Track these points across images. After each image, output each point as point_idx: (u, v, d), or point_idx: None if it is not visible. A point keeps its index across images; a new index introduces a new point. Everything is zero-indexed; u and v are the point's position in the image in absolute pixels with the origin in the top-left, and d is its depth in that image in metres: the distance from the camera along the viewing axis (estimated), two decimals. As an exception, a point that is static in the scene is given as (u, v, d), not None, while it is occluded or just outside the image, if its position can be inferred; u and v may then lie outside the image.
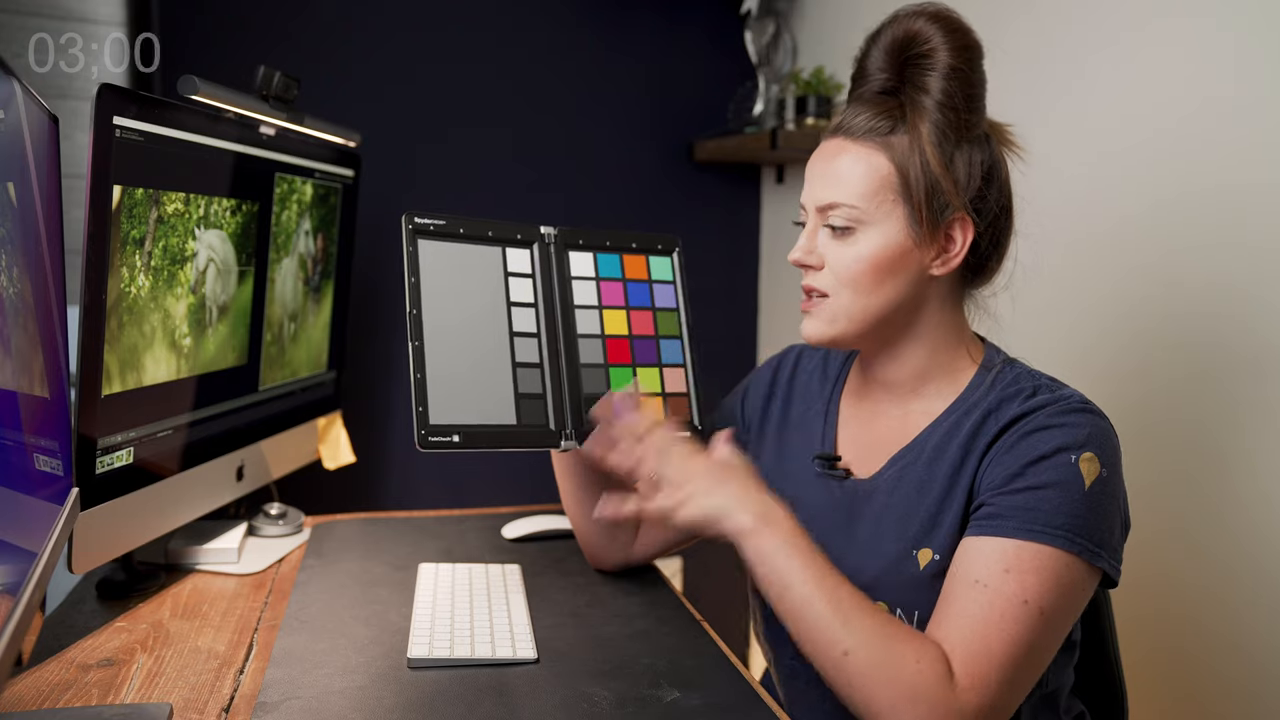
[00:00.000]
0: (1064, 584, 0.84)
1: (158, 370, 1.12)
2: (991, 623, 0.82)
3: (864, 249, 0.91)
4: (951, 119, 0.90)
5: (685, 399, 1.06)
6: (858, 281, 0.92)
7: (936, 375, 0.97)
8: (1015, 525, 0.85)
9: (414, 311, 0.93)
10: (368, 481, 1.96)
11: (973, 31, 0.92)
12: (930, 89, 0.90)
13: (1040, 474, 0.86)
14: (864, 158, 0.92)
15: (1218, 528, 1.21)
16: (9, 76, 0.77)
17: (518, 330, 0.99)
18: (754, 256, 2.26)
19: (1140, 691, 1.19)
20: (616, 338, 1.04)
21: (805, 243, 0.95)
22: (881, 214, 0.91)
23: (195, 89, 1.13)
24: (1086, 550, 0.84)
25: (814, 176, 0.95)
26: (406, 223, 0.96)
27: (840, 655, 0.83)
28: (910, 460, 0.95)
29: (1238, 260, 1.18)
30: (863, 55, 0.96)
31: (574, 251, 1.04)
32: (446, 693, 0.90)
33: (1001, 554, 0.84)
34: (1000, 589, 0.83)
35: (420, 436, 0.90)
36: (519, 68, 2.00)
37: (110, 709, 0.86)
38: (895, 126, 0.91)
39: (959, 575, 0.86)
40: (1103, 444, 0.87)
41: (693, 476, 0.91)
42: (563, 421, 0.98)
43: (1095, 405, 0.90)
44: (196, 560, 1.25)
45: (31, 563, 0.75)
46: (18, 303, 0.77)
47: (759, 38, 2.02)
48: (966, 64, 0.90)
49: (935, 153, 0.90)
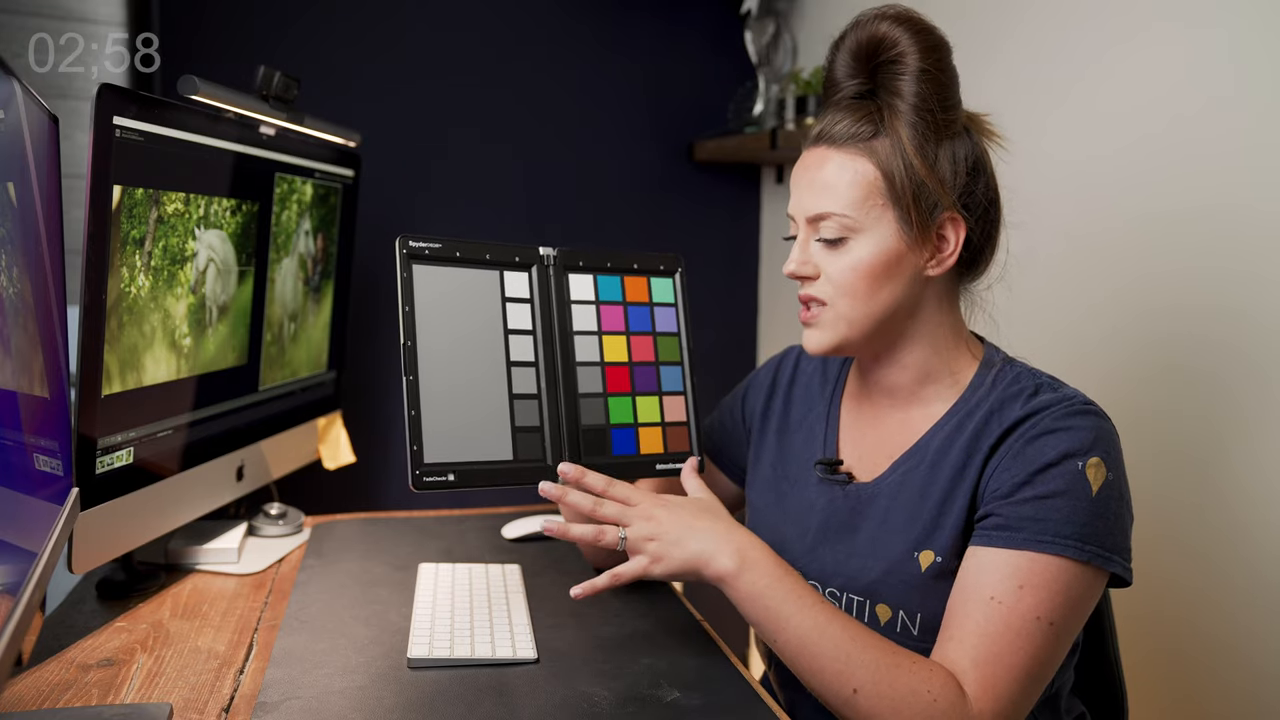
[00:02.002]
0: (1074, 595, 0.84)
1: (158, 370, 1.12)
2: (1007, 641, 0.82)
3: (858, 256, 0.91)
4: (929, 120, 0.90)
5: (685, 428, 1.04)
6: (855, 289, 0.92)
7: (937, 376, 0.97)
8: (1026, 537, 0.84)
9: (409, 344, 0.91)
10: (368, 481, 1.96)
11: (937, 29, 0.92)
12: (904, 93, 0.90)
13: (1048, 482, 0.86)
14: (849, 165, 0.91)
15: (1217, 528, 1.21)
16: (9, 76, 0.77)
17: (515, 359, 0.97)
18: (754, 257, 2.26)
19: (1140, 692, 1.19)
20: (616, 365, 1.02)
21: (799, 254, 0.94)
22: (872, 220, 0.91)
23: (195, 89, 1.13)
24: (1098, 557, 0.84)
25: (801, 187, 0.95)
26: (400, 247, 0.92)
27: (850, 694, 0.82)
28: (913, 464, 0.95)
29: (1236, 260, 1.18)
30: (830, 62, 0.96)
31: (574, 274, 1.02)
32: (446, 693, 0.90)
33: (1014, 568, 0.84)
34: (1015, 606, 0.83)
35: (414, 477, 0.88)
36: (519, 67, 2.00)
37: (110, 709, 0.86)
38: (876, 131, 0.91)
39: (971, 590, 0.85)
40: (1108, 447, 0.88)
41: (662, 530, 0.88)
42: (559, 456, 0.97)
43: (1096, 405, 0.90)
44: (196, 560, 1.25)
45: (31, 563, 0.75)
46: (18, 303, 0.77)
47: (759, 38, 2.02)
48: (936, 64, 0.90)
49: (918, 155, 0.90)
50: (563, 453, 0.96)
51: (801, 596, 0.85)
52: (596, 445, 0.99)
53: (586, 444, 0.98)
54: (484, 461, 0.92)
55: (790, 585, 0.86)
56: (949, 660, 0.84)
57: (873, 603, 0.93)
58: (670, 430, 1.03)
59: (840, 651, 0.83)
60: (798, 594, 0.85)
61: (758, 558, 0.87)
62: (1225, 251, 1.19)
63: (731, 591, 0.87)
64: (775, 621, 0.85)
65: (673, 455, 1.02)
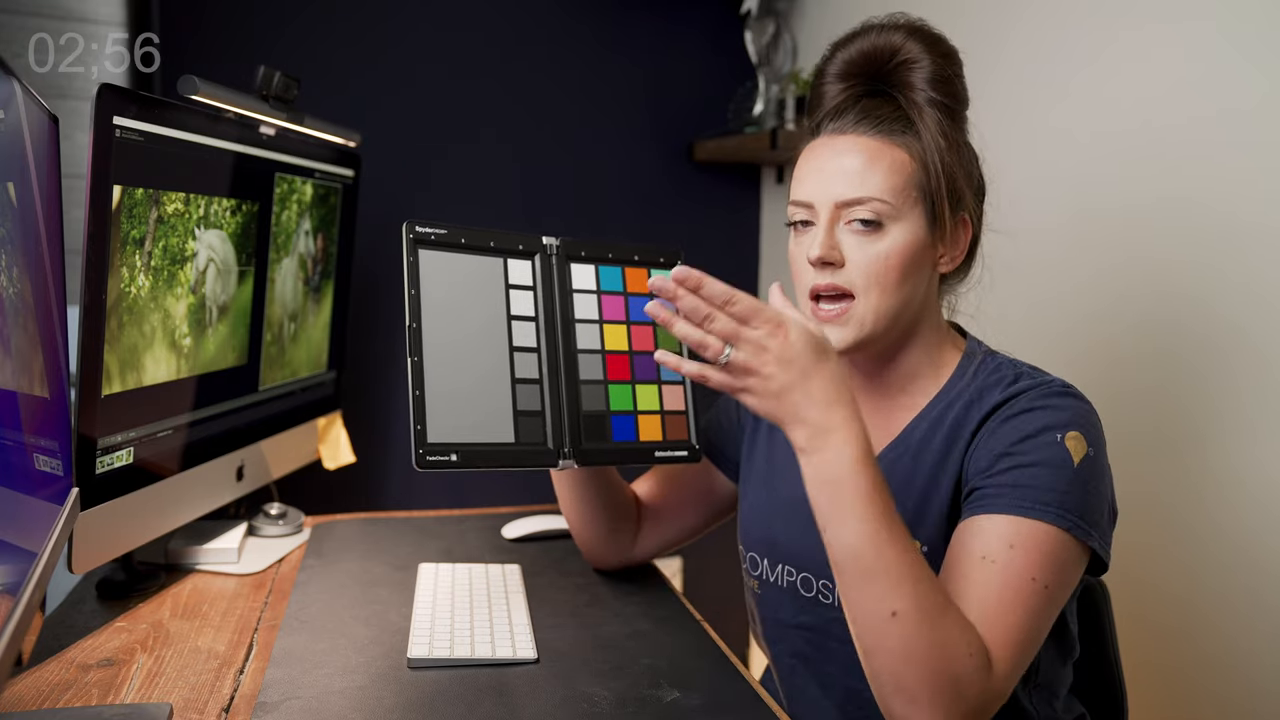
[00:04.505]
0: (1059, 561, 0.83)
1: (158, 370, 1.12)
2: (1007, 601, 0.81)
3: (891, 245, 0.91)
4: (950, 121, 0.93)
5: (683, 417, 1.05)
6: (886, 278, 0.91)
7: (922, 370, 0.98)
8: (1008, 502, 0.84)
9: (413, 325, 0.92)
10: (368, 481, 1.96)
11: (946, 38, 0.96)
12: (926, 94, 0.93)
13: (1027, 453, 0.86)
14: (886, 153, 0.91)
15: (1217, 525, 1.21)
16: (9, 76, 0.77)
17: (518, 345, 0.98)
18: (754, 257, 2.26)
19: (1140, 692, 1.19)
20: (616, 353, 1.03)
21: (826, 239, 0.91)
22: (906, 209, 0.91)
23: (195, 89, 1.13)
24: (1077, 527, 0.83)
25: (828, 173, 0.92)
26: (407, 232, 0.94)
27: (888, 615, 0.77)
28: (896, 455, 0.96)
29: (1227, 258, 1.18)
30: (826, 62, 0.99)
31: (576, 264, 1.03)
32: (446, 693, 0.90)
33: (1002, 530, 0.83)
34: (1009, 565, 0.82)
35: (418, 456, 0.89)
36: (519, 67, 2.00)
37: (110, 709, 0.86)
38: (908, 126, 0.92)
39: (963, 553, 0.84)
40: (1088, 426, 0.88)
41: (770, 371, 0.79)
42: (561, 440, 0.97)
43: (1076, 389, 0.90)
44: (196, 560, 1.25)
45: (31, 563, 0.75)
46: (18, 303, 0.77)
47: (759, 38, 2.02)
48: (952, 69, 0.94)
49: (951, 153, 0.92)
50: (564, 437, 0.97)
51: (874, 501, 0.79)
52: (597, 430, 1.00)
53: (587, 429, 0.99)
54: (486, 443, 0.93)
55: (868, 485, 0.79)
56: None
57: None
58: (669, 418, 1.04)
59: (894, 570, 0.78)
60: (870, 498, 0.79)
61: (849, 438, 0.79)
62: (1217, 246, 1.19)
63: (803, 462, 0.80)
64: (838, 513, 0.79)
65: (671, 443, 1.03)
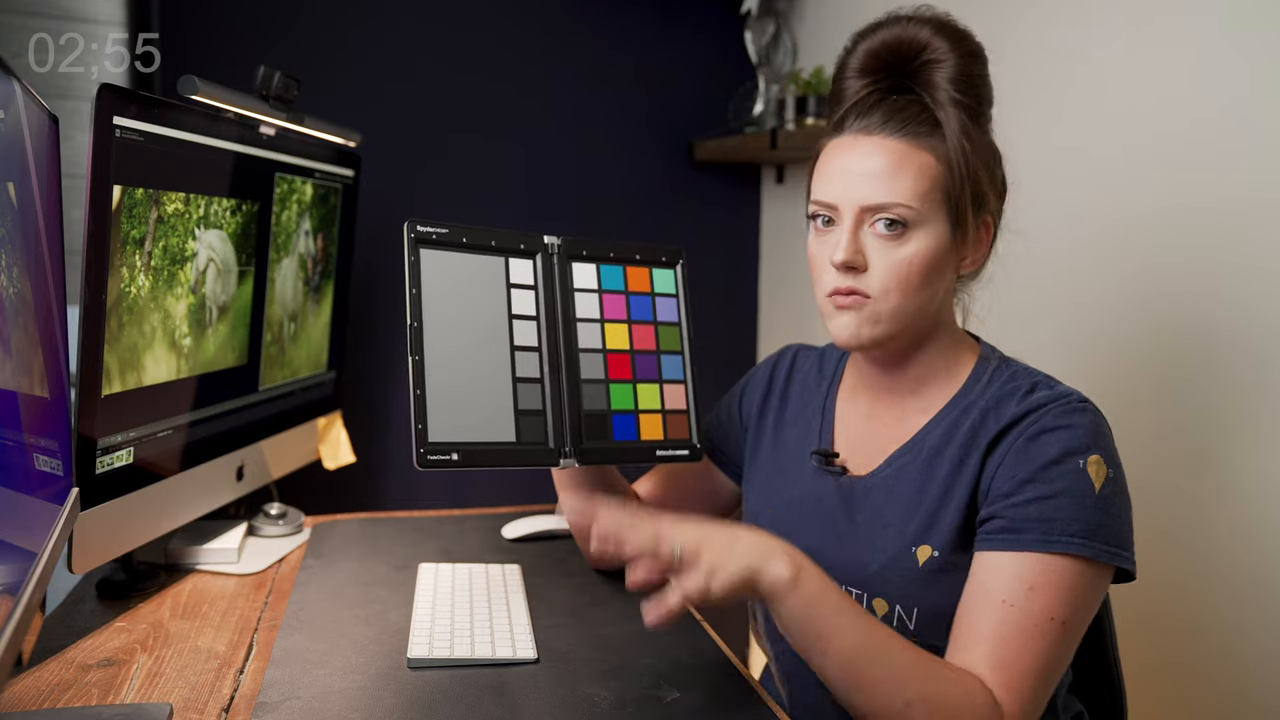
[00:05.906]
0: (1083, 593, 0.84)
1: (158, 370, 1.12)
2: (1026, 645, 0.82)
3: (915, 250, 0.90)
4: (975, 124, 0.92)
5: (685, 416, 1.05)
6: (908, 283, 0.90)
7: (936, 374, 0.97)
8: (1033, 538, 0.84)
9: (415, 324, 0.92)
10: (368, 481, 1.96)
11: (972, 35, 0.93)
12: (951, 95, 0.91)
13: (1051, 482, 0.86)
14: (912, 156, 0.90)
15: (1217, 524, 1.21)
16: (9, 76, 0.77)
17: (519, 344, 0.98)
18: (754, 257, 2.26)
19: (1140, 692, 1.19)
20: (618, 352, 1.03)
21: (850, 242, 0.90)
22: (930, 214, 0.90)
23: (195, 89, 1.13)
24: (1105, 553, 0.84)
25: (856, 175, 0.90)
26: (409, 231, 0.94)
27: (902, 706, 0.80)
28: (909, 459, 0.95)
29: (1231, 261, 1.18)
30: (847, 54, 0.97)
31: (577, 263, 1.03)
32: (446, 693, 0.90)
33: (1023, 570, 0.84)
34: (1028, 608, 0.83)
35: (419, 455, 0.88)
36: (518, 68, 2.00)
37: (110, 709, 0.86)
38: (934, 128, 0.91)
39: (982, 594, 0.85)
40: (1105, 443, 0.88)
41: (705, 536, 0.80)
42: (562, 439, 0.97)
43: (1091, 402, 0.90)
44: (196, 560, 1.25)
45: (31, 563, 0.75)
46: (18, 303, 0.77)
47: (759, 38, 2.02)
48: (978, 69, 0.92)
49: (976, 156, 0.91)
50: (565, 436, 0.97)
51: (849, 604, 0.82)
52: (598, 430, 0.99)
53: (588, 428, 0.99)
54: (487, 442, 0.93)
55: (837, 592, 0.82)
56: (967, 666, 0.83)
57: (870, 596, 0.93)
58: (670, 418, 1.04)
59: (892, 661, 0.81)
60: (846, 602, 0.82)
61: (805, 562, 0.82)
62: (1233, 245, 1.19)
63: (785, 601, 0.80)
64: (828, 632, 0.80)
65: (672, 442, 1.03)
